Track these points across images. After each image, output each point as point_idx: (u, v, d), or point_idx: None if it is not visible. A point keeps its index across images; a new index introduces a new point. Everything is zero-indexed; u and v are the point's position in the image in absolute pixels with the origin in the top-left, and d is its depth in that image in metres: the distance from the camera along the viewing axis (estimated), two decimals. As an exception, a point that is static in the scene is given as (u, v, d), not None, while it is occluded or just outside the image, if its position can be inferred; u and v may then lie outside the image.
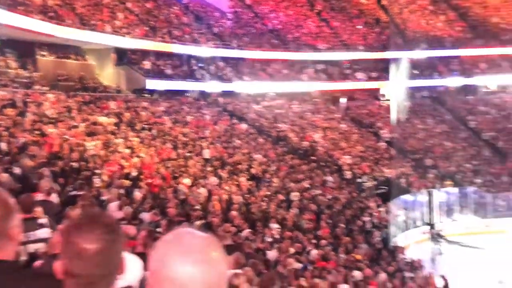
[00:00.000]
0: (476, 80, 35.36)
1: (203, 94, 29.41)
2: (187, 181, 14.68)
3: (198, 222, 9.60)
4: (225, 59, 31.56)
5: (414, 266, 15.16)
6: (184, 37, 29.66)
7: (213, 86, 29.73)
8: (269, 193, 17.23)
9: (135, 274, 2.10)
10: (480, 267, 17.02)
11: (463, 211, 24.02)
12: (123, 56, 27.02)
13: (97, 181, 10.99)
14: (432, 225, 22.26)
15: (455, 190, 24.47)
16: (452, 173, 26.85)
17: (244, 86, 31.36)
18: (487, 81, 35.99)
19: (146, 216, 9.25)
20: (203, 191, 14.14)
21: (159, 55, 28.54)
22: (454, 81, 35.44)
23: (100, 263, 1.28)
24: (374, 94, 35.71)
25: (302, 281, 6.05)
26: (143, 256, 2.39)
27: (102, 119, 18.33)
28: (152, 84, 26.67)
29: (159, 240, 1.15)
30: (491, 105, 34.20)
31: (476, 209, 24.07)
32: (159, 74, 27.58)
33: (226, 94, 30.33)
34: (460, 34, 37.07)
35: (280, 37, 34.39)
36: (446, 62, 35.98)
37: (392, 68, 32.04)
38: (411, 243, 20.92)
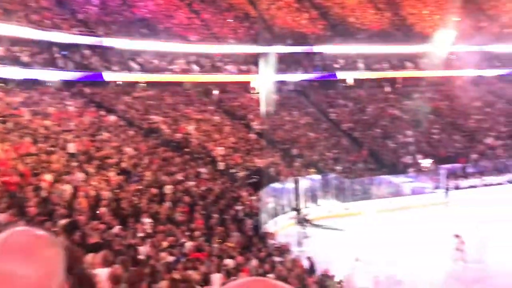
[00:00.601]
0: (336, 75, 38.26)
1: (67, 84, 27.50)
2: (49, 177, 13.63)
3: (62, 221, 8.99)
4: (91, 47, 29.85)
5: (283, 250, 16.00)
6: (44, 22, 27.35)
7: (77, 75, 27.95)
8: (141, 187, 16.80)
9: None
10: (341, 247, 18.60)
11: (325, 196, 25.96)
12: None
13: None
14: (298, 211, 23.69)
15: (318, 177, 26.31)
16: (315, 161, 28.81)
17: (112, 76, 30.02)
18: (345, 76, 39.16)
19: (1, 217, 8.43)
20: (68, 188, 13.25)
21: (15, 40, 25.95)
22: (317, 76, 37.92)
23: None
24: (245, 87, 36.71)
25: (175, 274, 6.04)
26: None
27: None
28: (6, 72, 24.20)
29: None
30: (348, 99, 37.34)
31: (337, 194, 26.19)
32: (14, 61, 25.10)
33: (92, 84, 28.74)
34: (322, 32, 39.75)
35: (150, 26, 33.51)
36: (309, 57, 38.33)
37: (261, 62, 33.24)
38: (280, 228, 22.06)
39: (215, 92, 34.91)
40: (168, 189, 17.54)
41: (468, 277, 16.00)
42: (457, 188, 28.05)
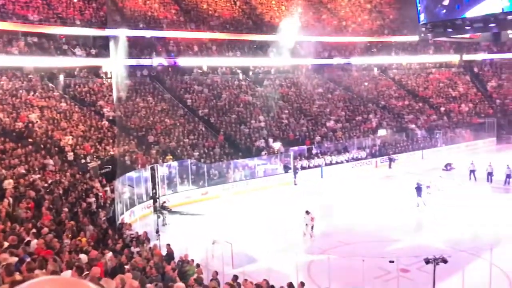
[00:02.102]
0: (190, 61, 38.28)
1: None
2: None
3: None
4: None
5: (140, 240, 15.70)
6: None
7: None
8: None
9: None
10: (200, 231, 18.88)
11: (183, 182, 26.06)
12: None
13: None
14: (156, 199, 23.46)
15: (176, 163, 26.27)
16: (172, 148, 28.67)
17: None
18: (200, 63, 39.38)
19: None
20: None
21: None
22: (171, 61, 37.49)
23: None
24: (95, 71, 34.69)
25: (17, 276, 5.53)
26: None
27: None
28: None
29: None
30: (204, 85, 37.71)
31: (195, 180, 26.46)
32: None
33: None
34: (175, 17, 39.32)
35: (-20, 2, 29.63)
36: (163, 42, 37.70)
37: (112, 46, 31.75)
38: (138, 218, 21.61)
39: (61, 77, 32.38)
40: (8, 184, 15.96)
41: (322, 245, 17.56)
42: (304, 168, 30.35)
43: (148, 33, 36.15)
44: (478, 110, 43.85)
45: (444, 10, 19.83)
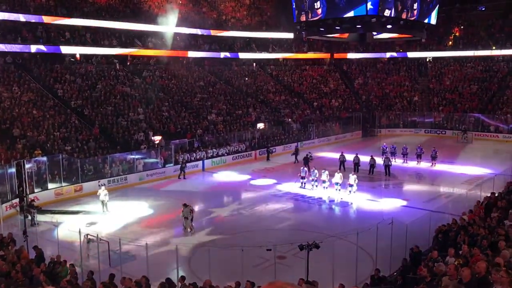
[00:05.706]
0: (61, 49, 35.65)
1: None
2: None
3: None
4: None
5: (5, 242, 14.35)
6: None
7: None
8: None
9: None
10: (74, 230, 17.75)
11: (54, 179, 24.29)
12: None
13: None
14: (23, 197, 21.59)
15: (45, 158, 24.38)
16: (41, 142, 26.55)
17: None
18: (72, 51, 36.87)
19: None
20: None
21: None
22: (40, 48, 34.59)
23: None
24: None
25: None
26: None
27: None
28: None
29: None
30: (77, 74, 35.41)
31: (67, 176, 24.82)
32: None
33: None
34: (44, 0, 36.27)
35: None
36: (30, 27, 34.61)
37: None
38: (1, 218, 19.68)
39: None
40: None
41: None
42: (186, 161, 30.14)
43: (13, 16, 32.85)
44: (347, 105, 47.42)
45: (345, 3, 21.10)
